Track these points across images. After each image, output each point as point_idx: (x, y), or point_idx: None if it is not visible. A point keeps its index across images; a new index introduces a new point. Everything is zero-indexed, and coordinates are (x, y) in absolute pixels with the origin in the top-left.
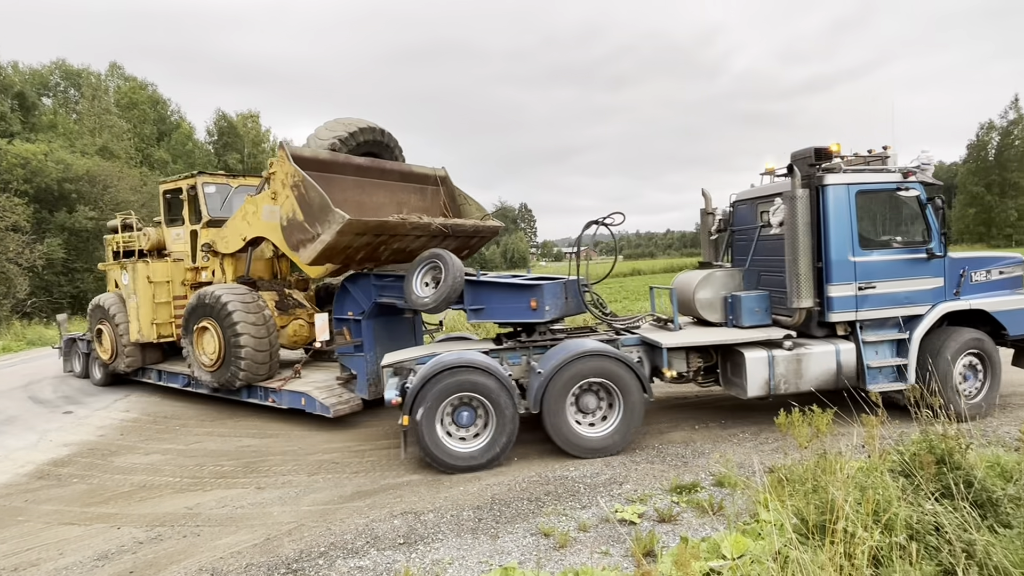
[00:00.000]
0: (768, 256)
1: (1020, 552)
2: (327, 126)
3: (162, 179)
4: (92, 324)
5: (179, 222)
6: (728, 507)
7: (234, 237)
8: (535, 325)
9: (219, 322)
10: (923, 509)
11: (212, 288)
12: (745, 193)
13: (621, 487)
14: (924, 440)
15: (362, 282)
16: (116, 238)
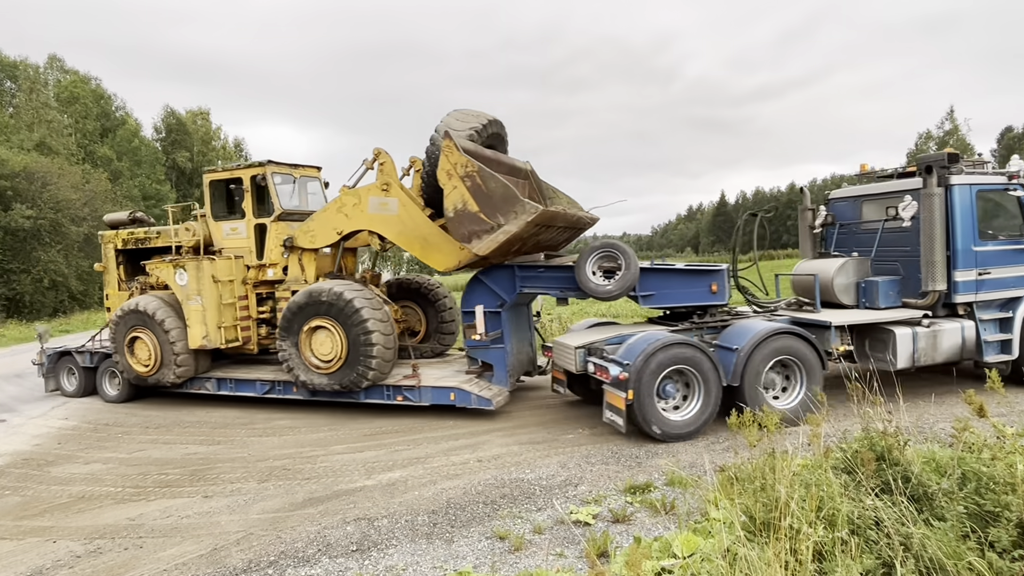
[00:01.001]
0: (891, 247)
1: (953, 544)
2: (457, 117)
3: (208, 168)
4: (120, 332)
5: (237, 215)
6: (680, 506)
7: (325, 231)
8: (707, 308)
9: (342, 321)
10: (864, 504)
11: (328, 285)
12: (843, 192)
13: (576, 488)
14: (865, 438)
15: (501, 274)
16: (120, 235)
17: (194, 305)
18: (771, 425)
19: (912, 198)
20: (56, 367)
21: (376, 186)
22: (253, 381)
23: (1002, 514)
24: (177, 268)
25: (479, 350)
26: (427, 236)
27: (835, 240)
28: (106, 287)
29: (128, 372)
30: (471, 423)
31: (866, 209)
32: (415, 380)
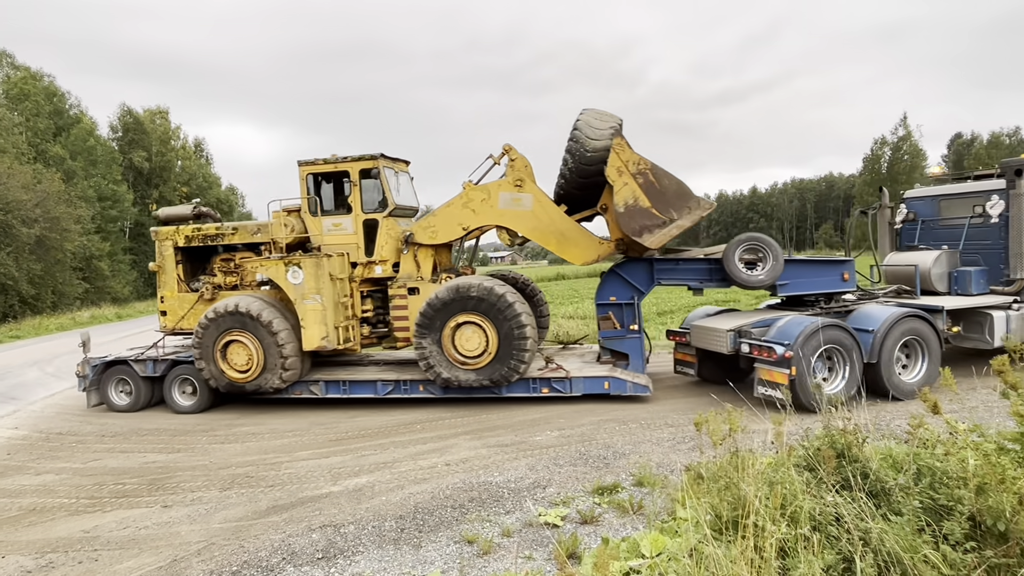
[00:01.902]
0: (975, 240)
1: (909, 537)
2: (596, 116)
3: (306, 160)
4: (211, 337)
5: (342, 210)
6: (647, 506)
7: (449, 227)
8: (832, 295)
9: (492, 316)
10: (825, 501)
11: (476, 280)
12: (920, 192)
13: (545, 490)
14: (826, 435)
15: (637, 268)
16: (183, 231)
17: (311, 304)
18: (735, 424)
19: (999, 197)
20: (104, 380)
21: (508, 182)
22: (372, 382)
23: (955, 508)
24: (290, 266)
25: (614, 340)
26: (564, 231)
27: (917, 236)
28: (161, 289)
29: (218, 379)
30: (438, 427)
31: (944, 207)
32: (564, 372)
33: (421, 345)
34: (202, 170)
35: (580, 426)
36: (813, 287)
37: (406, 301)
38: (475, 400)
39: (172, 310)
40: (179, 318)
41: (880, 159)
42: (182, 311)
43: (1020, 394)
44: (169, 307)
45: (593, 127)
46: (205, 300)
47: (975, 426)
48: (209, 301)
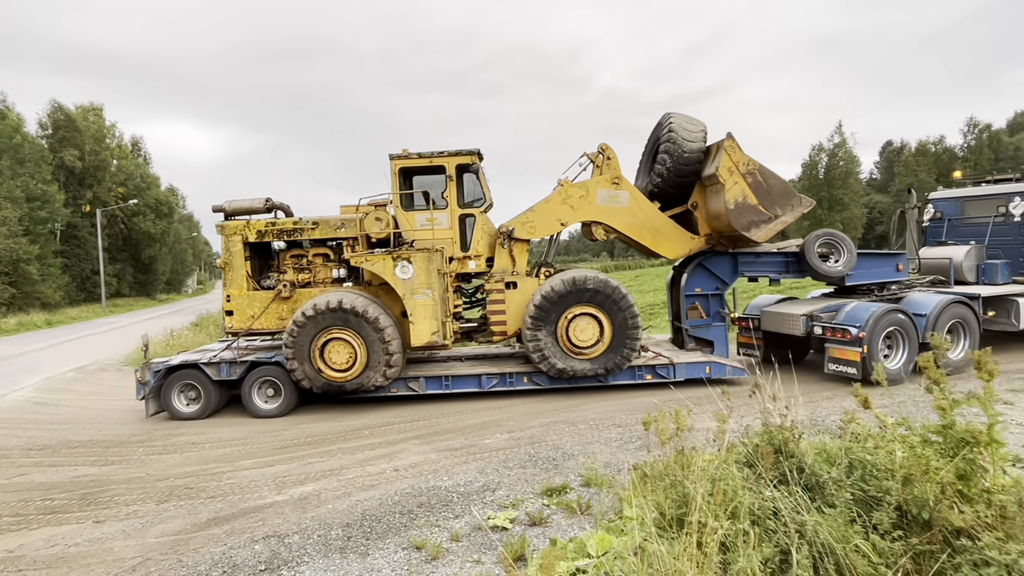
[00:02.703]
0: (998, 237)
1: (841, 528)
2: (687, 120)
3: (399, 154)
4: (307, 335)
5: (437, 205)
6: (595, 506)
7: (547, 222)
8: (885, 283)
9: (607, 307)
10: (764, 496)
11: (589, 273)
12: (944, 193)
13: (494, 493)
14: (765, 432)
15: (722, 261)
16: (255, 225)
17: (422, 299)
18: (682, 424)
19: (1021, 199)
20: (168, 385)
21: (606, 179)
22: (477, 376)
23: (883, 498)
24: (399, 260)
25: (701, 329)
26: (658, 227)
27: (944, 232)
28: (228, 287)
29: (313, 380)
30: (387, 432)
31: (967, 207)
32: (666, 358)
33: (536, 337)
34: (140, 170)
35: (529, 428)
36: (873, 277)
37: (503, 296)
38: (426, 405)
39: (240, 309)
40: (248, 318)
41: (817, 165)
42: (252, 311)
43: (942, 389)
44: (236, 306)
45: (687, 130)
46: (282, 299)
47: (902, 420)
48: (285, 300)
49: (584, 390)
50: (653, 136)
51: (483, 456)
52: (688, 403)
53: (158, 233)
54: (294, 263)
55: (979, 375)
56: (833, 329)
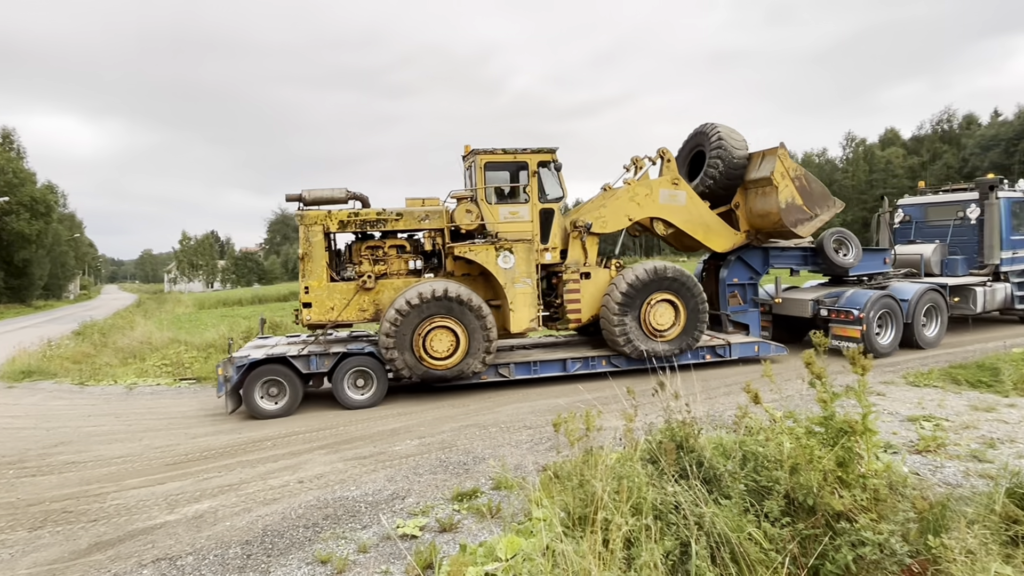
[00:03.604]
0: (960, 236)
1: (736, 518)
2: (730, 131)
3: (484, 149)
4: (410, 324)
5: (518, 199)
6: (505, 509)
7: (617, 217)
8: (872, 274)
9: (683, 293)
10: (666, 491)
11: (665, 264)
12: (911, 200)
13: (404, 501)
14: (667, 429)
15: (756, 254)
16: (337, 215)
17: (522, 288)
18: (591, 424)
19: (976, 205)
20: (248, 381)
21: (666, 180)
22: (562, 360)
23: (773, 488)
24: (501, 251)
25: (738, 315)
26: (709, 223)
27: (912, 232)
28: (307, 278)
29: (413, 369)
30: (292, 443)
31: (931, 212)
32: (722, 340)
33: (623, 321)
34: (11, 164)
35: (440, 433)
36: (866, 268)
37: (579, 285)
38: (332, 413)
39: (319, 301)
40: (328, 310)
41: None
42: (331, 302)
43: (824, 383)
44: (315, 298)
45: (734, 139)
46: (364, 290)
47: (789, 413)
48: (367, 291)
49: (496, 393)
50: (692, 142)
51: (392, 464)
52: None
53: (34, 234)
54: (370, 255)
55: (854, 370)
56: (837, 311)
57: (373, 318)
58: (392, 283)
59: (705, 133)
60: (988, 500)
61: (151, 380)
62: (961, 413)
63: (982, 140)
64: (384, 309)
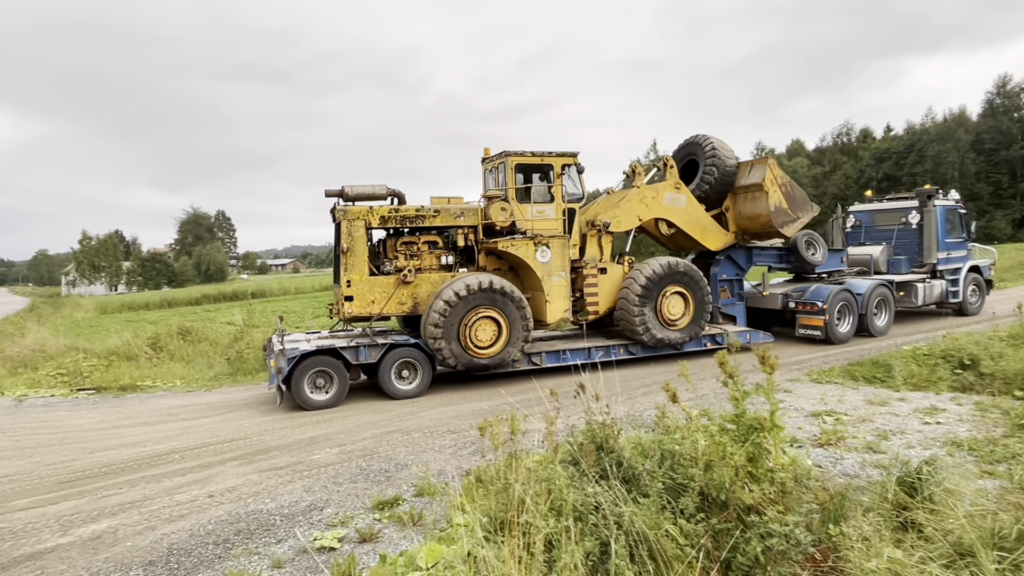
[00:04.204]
0: (903, 239)
1: (654, 516)
2: (722, 143)
3: (514, 151)
4: (457, 315)
5: (544, 199)
6: (427, 516)
7: (629, 217)
8: (832, 271)
9: (691, 286)
10: (586, 492)
11: (677, 259)
12: (860, 207)
13: (322, 512)
14: (588, 430)
15: (741, 253)
16: (378, 211)
17: (557, 280)
18: (515, 428)
19: (916, 212)
20: (296, 373)
21: (670, 184)
22: (586, 349)
23: (689, 485)
24: (539, 246)
25: (727, 307)
26: (705, 224)
27: (863, 235)
28: (348, 271)
29: (459, 358)
30: (202, 455)
31: (877, 218)
32: (721, 328)
33: (642, 312)
34: None
35: (361, 440)
36: (828, 267)
37: (597, 279)
38: (248, 423)
39: (360, 295)
40: (368, 303)
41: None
42: (372, 295)
43: (735, 382)
44: (357, 292)
45: (726, 149)
46: (404, 283)
47: (704, 411)
48: (407, 284)
49: (419, 398)
50: (685, 151)
51: (311, 473)
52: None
53: None
54: (405, 250)
55: (763, 369)
56: (804, 303)
57: (411, 311)
58: (428, 277)
59: (699, 144)
60: (882, 489)
61: (44, 391)
62: (858, 407)
63: (876, 152)
64: (421, 302)
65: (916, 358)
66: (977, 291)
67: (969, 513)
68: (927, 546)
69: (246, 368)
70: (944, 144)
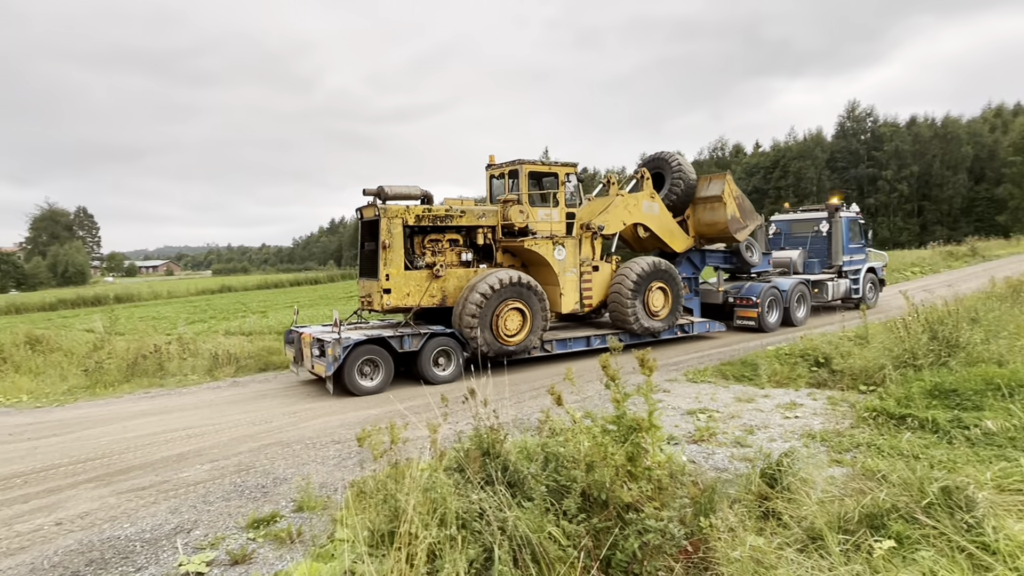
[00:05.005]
0: (815, 244)
1: (538, 519)
2: (685, 160)
3: (528, 160)
4: (491, 307)
5: (549, 203)
6: (307, 532)
7: (615, 222)
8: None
9: (669, 282)
10: (470, 499)
11: (658, 259)
12: (780, 216)
13: (189, 535)
14: (475, 436)
15: (696, 254)
16: (413, 210)
17: (570, 276)
18: (396, 437)
19: (826, 222)
20: (348, 361)
21: (646, 194)
22: (587, 337)
23: (572, 486)
24: (556, 245)
25: (687, 301)
26: (672, 229)
27: (783, 241)
28: (387, 266)
29: (490, 345)
30: (51, 478)
31: (794, 226)
32: (689, 319)
33: (634, 304)
34: None
35: (237, 455)
36: (762, 268)
37: (591, 276)
38: (107, 440)
39: (398, 287)
40: (404, 295)
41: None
42: (407, 288)
43: (617, 384)
44: (395, 284)
45: (688, 166)
46: (435, 277)
47: (588, 413)
48: (437, 278)
49: (306, 405)
50: (652, 165)
51: (178, 493)
52: (409, 414)
53: None
54: (431, 247)
55: (643, 371)
56: (741, 298)
57: (439, 303)
58: (455, 272)
59: (666, 160)
60: (747, 481)
61: None
62: (729, 404)
63: (747, 167)
64: (449, 295)
65: (779, 357)
66: (873, 288)
67: (820, 500)
68: (785, 532)
69: (107, 380)
70: (804, 161)
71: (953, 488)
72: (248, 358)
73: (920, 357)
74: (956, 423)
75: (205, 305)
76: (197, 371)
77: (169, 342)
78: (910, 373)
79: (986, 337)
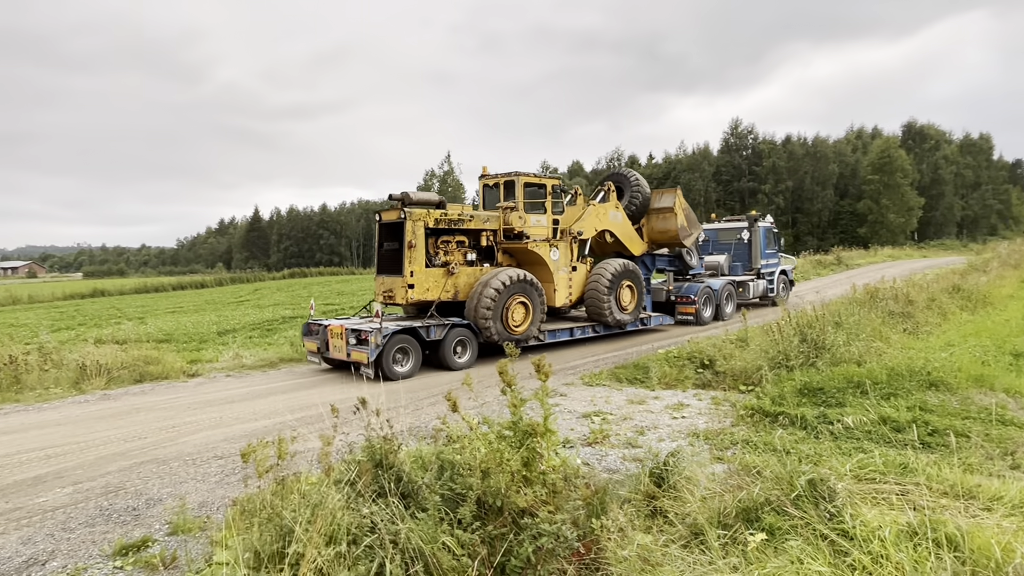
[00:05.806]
0: (738, 250)
1: (432, 530)
2: (641, 176)
3: (523, 172)
4: (502, 300)
5: (540, 211)
6: (182, 557)
7: (589, 228)
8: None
9: (635, 281)
10: (362, 513)
11: (626, 261)
12: (710, 225)
13: (44, 567)
14: (368, 447)
15: (648, 258)
16: (433, 214)
17: (563, 274)
18: (283, 451)
19: (747, 231)
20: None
21: (612, 204)
22: (569, 328)
23: (467, 494)
24: (552, 247)
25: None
26: (631, 236)
27: (711, 247)
28: (411, 264)
29: (501, 334)
30: None
31: (721, 234)
32: (647, 313)
33: (609, 300)
34: None
35: (104, 476)
36: (697, 270)
37: (571, 275)
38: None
39: (420, 283)
40: (425, 290)
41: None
42: (427, 284)
43: (513, 390)
44: (418, 281)
45: (643, 181)
46: (450, 274)
47: (485, 419)
48: (452, 275)
49: (185, 418)
50: (616, 179)
51: (32, 521)
52: (299, 426)
53: None
54: (443, 247)
55: (539, 376)
56: (680, 296)
57: (452, 298)
58: (464, 270)
59: (625, 176)
60: (636, 481)
61: None
62: (622, 407)
63: None
64: (460, 291)
65: (668, 360)
66: (785, 287)
67: (702, 497)
68: (670, 530)
69: None
70: (693, 173)
71: (818, 480)
72: (122, 368)
73: (792, 358)
74: (822, 419)
75: (73, 311)
76: (61, 384)
77: (28, 352)
78: (784, 373)
79: (847, 339)
